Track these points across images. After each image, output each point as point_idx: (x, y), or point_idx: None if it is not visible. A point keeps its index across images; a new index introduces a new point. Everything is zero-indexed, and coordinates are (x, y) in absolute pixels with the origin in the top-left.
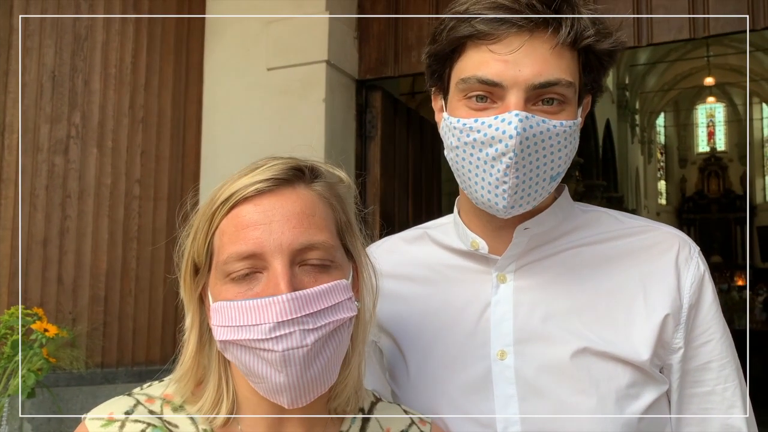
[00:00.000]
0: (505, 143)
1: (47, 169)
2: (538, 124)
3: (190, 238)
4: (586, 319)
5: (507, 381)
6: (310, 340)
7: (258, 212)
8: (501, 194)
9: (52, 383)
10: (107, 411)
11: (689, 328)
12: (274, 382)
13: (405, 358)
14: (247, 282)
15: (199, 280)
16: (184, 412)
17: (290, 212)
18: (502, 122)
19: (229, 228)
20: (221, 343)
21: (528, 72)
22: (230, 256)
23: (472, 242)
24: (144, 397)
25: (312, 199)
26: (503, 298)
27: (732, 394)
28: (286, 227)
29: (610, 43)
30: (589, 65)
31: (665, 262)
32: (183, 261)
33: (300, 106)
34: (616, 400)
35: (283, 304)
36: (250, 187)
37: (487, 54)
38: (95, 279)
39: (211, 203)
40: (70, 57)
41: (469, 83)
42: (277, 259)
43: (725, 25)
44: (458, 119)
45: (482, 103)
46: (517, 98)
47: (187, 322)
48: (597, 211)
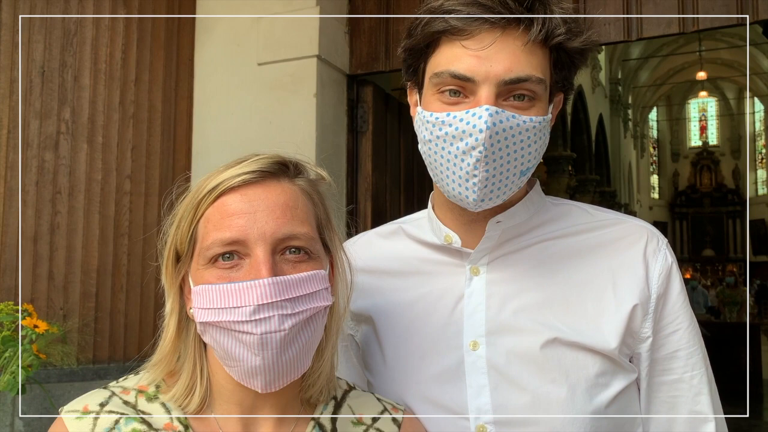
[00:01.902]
0: (475, 137)
1: (37, 165)
2: (508, 119)
3: (174, 226)
4: (556, 310)
5: (479, 371)
6: (288, 325)
7: (243, 201)
8: (471, 187)
9: (43, 379)
10: (82, 404)
11: (657, 318)
12: (250, 364)
13: (381, 346)
14: (229, 268)
15: (180, 268)
16: (158, 401)
17: (274, 203)
18: (472, 116)
19: (215, 216)
20: (201, 325)
21: (499, 68)
22: (214, 241)
23: (445, 236)
24: (119, 389)
25: (295, 193)
26: (476, 290)
27: (699, 382)
28: (270, 217)
29: (581, 42)
30: (560, 63)
31: (634, 254)
32: (166, 248)
33: (291, 101)
34: (586, 388)
35: (265, 287)
36: (237, 177)
37: (460, 49)
38: (86, 275)
39: (197, 193)
40: (60, 52)
41: (442, 77)
42: (259, 247)
43: (715, 20)
44: (431, 113)
45: (455, 97)
46: (488, 93)
47: (167, 307)
48: (567, 205)
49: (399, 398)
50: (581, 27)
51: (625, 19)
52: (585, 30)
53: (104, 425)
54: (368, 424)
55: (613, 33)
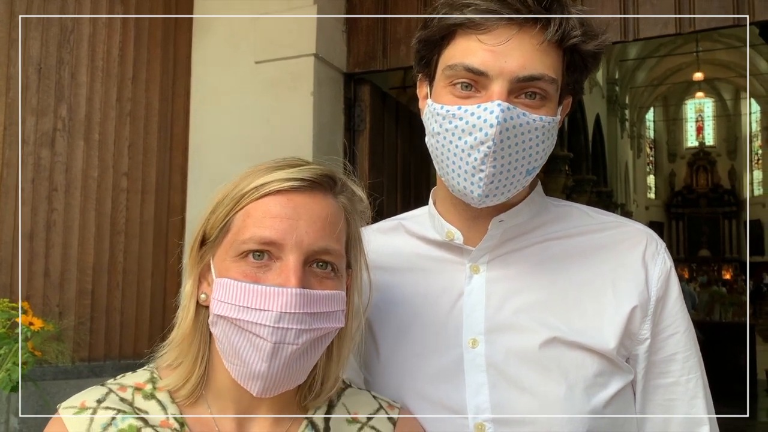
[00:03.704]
0: (485, 132)
1: (33, 162)
2: (519, 116)
3: (209, 210)
4: (556, 309)
5: (478, 368)
6: (302, 339)
7: (289, 207)
8: (477, 182)
9: (38, 377)
10: (79, 400)
11: (656, 320)
12: (254, 368)
13: (377, 344)
14: (258, 267)
15: (205, 253)
16: (155, 399)
17: (317, 215)
18: (484, 111)
19: (257, 212)
20: (215, 317)
21: (513, 64)
22: (252, 237)
23: (447, 233)
24: (116, 386)
25: (337, 209)
26: (476, 288)
27: (695, 385)
28: (311, 228)
29: (596, 45)
30: (573, 65)
31: (633, 257)
32: (195, 230)
33: (288, 99)
34: (584, 388)
35: (291, 296)
36: (288, 182)
37: (476, 43)
38: (82, 272)
39: (241, 185)
40: (57, 49)
41: (455, 70)
42: (294, 254)
43: (711, 21)
44: (442, 105)
45: (467, 91)
46: (501, 88)
47: (186, 289)
48: (568, 206)
49: (396, 396)
50: (596, 30)
51: (622, 19)
52: (600, 33)
53: (101, 422)
54: (363, 422)
55: (610, 33)
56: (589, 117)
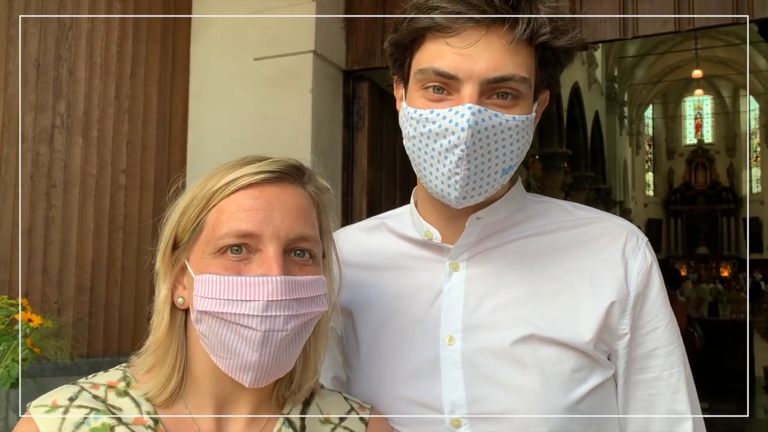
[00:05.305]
0: (457, 135)
1: (32, 159)
2: (491, 117)
3: (177, 213)
4: (534, 306)
5: (454, 365)
6: (291, 325)
7: (262, 198)
8: (453, 185)
9: (37, 373)
10: (51, 399)
11: (636, 316)
12: (245, 359)
13: (358, 342)
14: (238, 261)
15: (178, 256)
16: (128, 396)
17: (290, 204)
18: (455, 114)
19: (230, 207)
20: (199, 314)
21: (483, 66)
22: (228, 232)
23: (426, 232)
24: (88, 385)
25: (308, 198)
26: (455, 285)
27: (677, 380)
28: (285, 217)
29: (567, 40)
30: (545, 61)
31: (613, 252)
32: (165, 234)
33: (287, 96)
34: (560, 383)
35: (276, 284)
36: (257, 174)
37: (445, 47)
38: (81, 269)
39: (209, 184)
40: (55, 46)
41: (426, 74)
42: (272, 244)
43: (710, 18)
44: (415, 109)
45: (439, 94)
46: (471, 91)
47: (161, 293)
48: (548, 202)
49: (375, 393)
50: (567, 25)
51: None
52: (571, 29)
53: (73, 420)
54: (336, 423)
55: (609, 31)
56: (588, 114)
